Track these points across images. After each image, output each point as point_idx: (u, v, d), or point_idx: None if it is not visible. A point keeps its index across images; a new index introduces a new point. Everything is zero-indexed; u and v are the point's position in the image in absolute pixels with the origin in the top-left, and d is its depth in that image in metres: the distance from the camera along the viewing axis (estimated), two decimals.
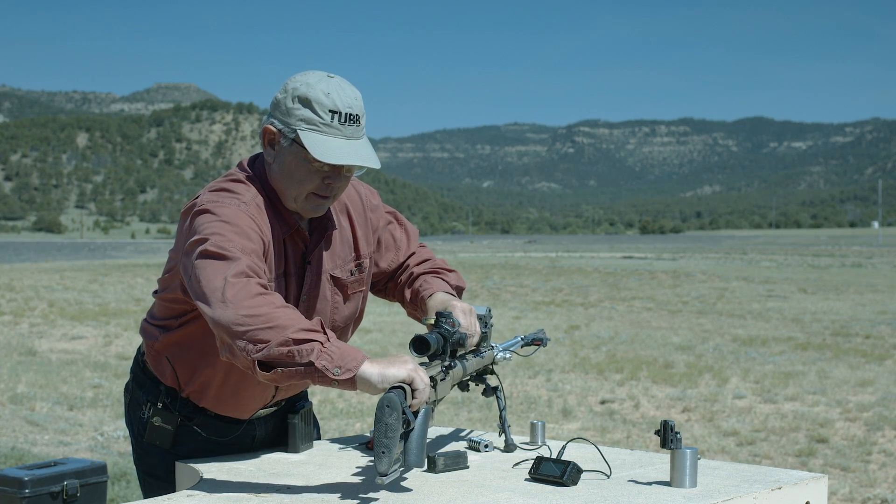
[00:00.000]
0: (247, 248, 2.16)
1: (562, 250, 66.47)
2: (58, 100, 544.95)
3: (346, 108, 2.27)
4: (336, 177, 2.31)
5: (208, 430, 2.46)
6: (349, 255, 2.48)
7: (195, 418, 2.45)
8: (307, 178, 2.30)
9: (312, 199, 2.33)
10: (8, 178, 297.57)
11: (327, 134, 2.26)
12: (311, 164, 2.28)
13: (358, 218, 2.52)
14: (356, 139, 2.29)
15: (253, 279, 2.10)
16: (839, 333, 14.75)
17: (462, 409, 8.45)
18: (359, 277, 2.50)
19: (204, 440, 2.46)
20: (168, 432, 2.44)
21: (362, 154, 2.28)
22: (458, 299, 2.49)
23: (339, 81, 2.30)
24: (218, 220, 2.20)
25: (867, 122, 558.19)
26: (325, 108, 2.25)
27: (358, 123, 2.29)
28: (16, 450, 6.77)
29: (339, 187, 2.35)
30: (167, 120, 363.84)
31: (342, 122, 2.26)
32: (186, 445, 2.45)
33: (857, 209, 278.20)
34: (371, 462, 2.36)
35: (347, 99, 2.28)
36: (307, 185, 2.31)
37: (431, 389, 2.08)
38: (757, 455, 7.11)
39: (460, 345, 2.27)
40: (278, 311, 2.04)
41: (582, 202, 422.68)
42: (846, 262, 41.72)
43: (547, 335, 2.70)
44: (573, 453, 2.37)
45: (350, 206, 2.52)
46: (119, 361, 11.93)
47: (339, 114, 2.26)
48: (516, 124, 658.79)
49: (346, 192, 2.50)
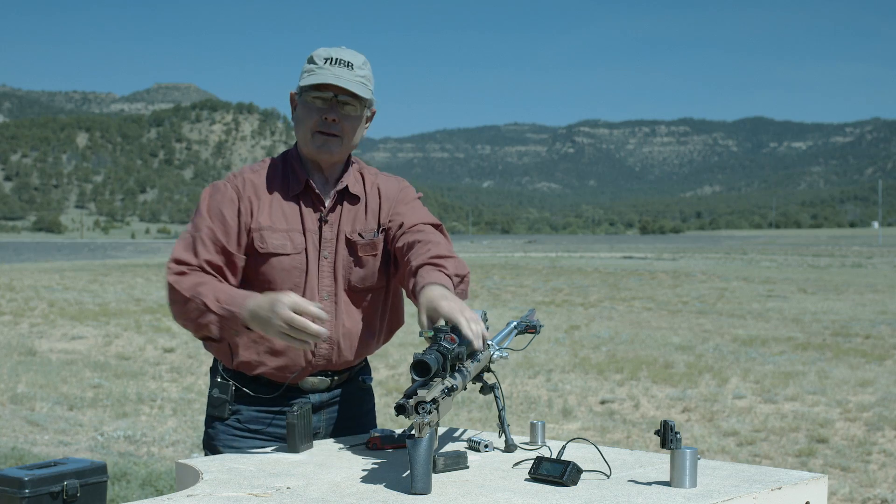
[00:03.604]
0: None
1: (562, 250, 66.49)
2: (58, 100, 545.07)
3: (339, 55, 2.58)
4: (332, 111, 2.58)
5: (257, 390, 2.67)
6: (372, 220, 2.69)
7: (247, 384, 2.67)
8: (308, 116, 2.60)
9: (318, 137, 2.60)
10: (8, 178, 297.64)
11: (317, 73, 2.57)
12: (310, 103, 2.59)
13: (387, 199, 2.73)
14: (346, 78, 2.56)
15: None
16: (839, 333, 14.75)
17: (462, 409, 8.45)
18: (373, 241, 2.68)
19: (258, 407, 2.67)
20: (223, 402, 2.66)
21: (344, 82, 2.55)
22: (451, 294, 2.37)
23: (344, 47, 2.63)
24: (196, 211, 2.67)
25: (867, 122, 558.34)
26: (321, 56, 2.60)
27: (350, 68, 2.57)
28: (16, 450, 6.77)
29: (340, 126, 2.60)
30: (167, 120, 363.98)
31: (332, 65, 2.57)
32: (243, 414, 2.67)
33: (857, 209, 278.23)
34: (371, 463, 2.36)
35: (343, 52, 2.60)
36: (309, 123, 2.60)
37: (436, 411, 2.08)
38: (757, 455, 7.12)
39: (460, 360, 2.26)
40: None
41: (582, 202, 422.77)
42: (846, 262, 41.73)
43: (538, 319, 2.69)
44: (573, 453, 2.37)
45: (382, 189, 2.73)
46: (119, 361, 11.93)
47: (331, 59, 2.58)
48: (516, 124, 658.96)
49: (387, 182, 2.75)
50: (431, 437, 2.04)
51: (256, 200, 2.62)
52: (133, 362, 11.88)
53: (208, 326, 2.50)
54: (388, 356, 11.78)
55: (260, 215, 2.61)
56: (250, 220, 2.60)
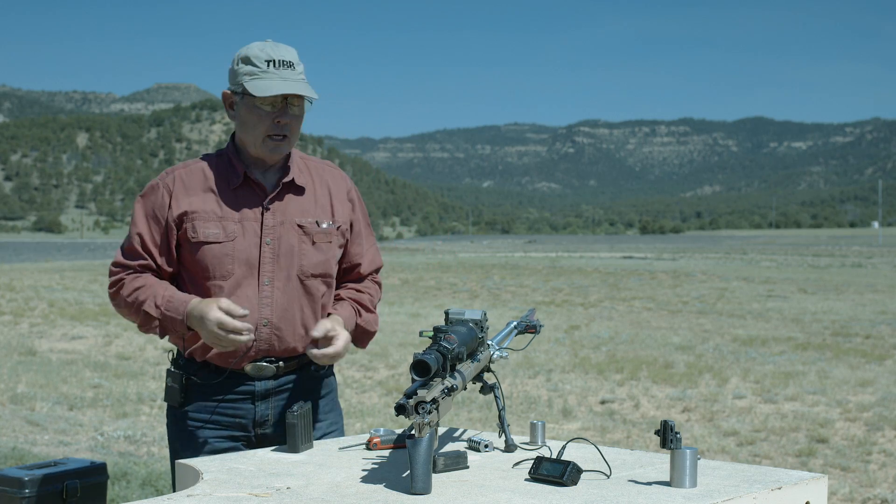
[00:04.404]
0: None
1: (562, 250, 66.48)
2: (58, 100, 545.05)
3: (279, 56, 2.65)
4: (283, 114, 2.66)
5: (205, 378, 2.73)
6: (323, 215, 2.77)
7: (196, 373, 2.74)
8: (259, 121, 2.66)
9: (269, 141, 2.68)
10: (8, 178, 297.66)
11: (265, 78, 2.63)
12: (259, 108, 2.65)
13: (337, 193, 2.82)
14: (293, 80, 2.65)
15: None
16: (839, 333, 14.75)
17: (462, 409, 8.45)
18: (328, 230, 2.77)
19: (206, 395, 2.73)
20: (176, 391, 2.75)
21: (296, 87, 2.64)
22: (341, 322, 2.73)
23: (272, 42, 2.70)
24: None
25: (867, 122, 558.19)
26: (260, 59, 2.65)
27: (293, 68, 2.66)
28: (16, 450, 6.77)
29: (290, 126, 2.68)
30: (167, 120, 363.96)
31: (276, 68, 2.64)
32: (193, 403, 2.74)
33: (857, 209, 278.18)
34: (371, 463, 2.36)
35: (280, 50, 2.67)
36: (261, 128, 2.66)
37: (435, 411, 2.08)
38: (757, 455, 7.12)
39: (459, 360, 2.26)
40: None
41: (582, 202, 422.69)
42: (846, 262, 41.73)
43: (538, 319, 2.69)
44: (573, 453, 2.37)
45: (331, 182, 2.83)
46: (119, 361, 11.93)
47: (273, 61, 2.65)
48: (516, 124, 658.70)
49: (333, 175, 2.85)
50: (431, 437, 2.04)
51: (187, 194, 2.71)
52: (133, 362, 11.88)
53: (152, 328, 2.67)
54: (388, 356, 11.78)
55: (191, 206, 2.70)
56: (181, 212, 2.70)
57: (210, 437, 2.73)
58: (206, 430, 2.73)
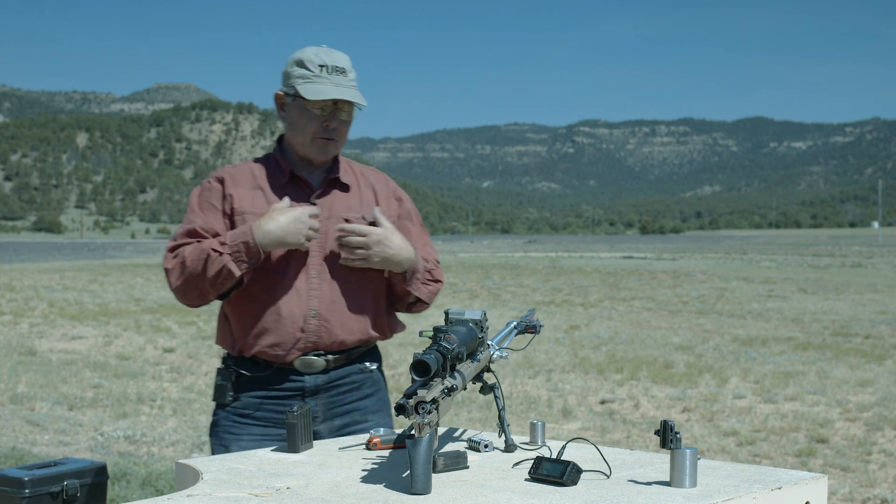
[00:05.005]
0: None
1: (562, 250, 66.49)
2: (58, 100, 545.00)
3: (332, 62, 2.75)
4: (332, 118, 2.76)
5: (254, 371, 2.78)
6: (368, 211, 2.84)
7: (246, 368, 2.79)
8: (309, 123, 2.76)
9: (318, 142, 2.78)
10: (8, 178, 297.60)
11: (317, 83, 2.73)
12: (310, 111, 2.74)
13: (381, 191, 2.91)
14: (344, 86, 2.74)
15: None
16: (839, 333, 14.75)
17: (462, 409, 8.45)
18: (372, 223, 2.81)
19: (255, 391, 2.78)
20: (225, 388, 2.80)
21: (347, 93, 2.73)
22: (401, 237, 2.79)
23: (327, 48, 2.80)
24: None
25: (867, 122, 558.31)
26: (314, 63, 2.74)
27: (345, 74, 2.76)
28: (16, 450, 6.77)
29: (338, 131, 2.78)
30: (167, 120, 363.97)
31: (329, 73, 2.74)
32: (242, 400, 2.78)
33: (857, 209, 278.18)
34: (371, 463, 2.36)
35: (334, 56, 2.77)
36: (310, 130, 2.76)
37: (435, 411, 2.08)
38: (757, 455, 7.11)
39: (459, 360, 2.26)
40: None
41: (582, 202, 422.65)
42: (846, 262, 41.74)
43: (538, 319, 2.69)
44: (573, 453, 2.37)
45: (375, 182, 2.93)
46: (119, 361, 11.93)
47: (326, 66, 2.74)
48: (516, 124, 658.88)
49: (377, 177, 2.95)
50: (431, 437, 2.04)
51: (238, 190, 2.79)
52: (133, 362, 11.88)
53: (225, 269, 2.66)
54: (388, 356, 11.79)
55: (241, 202, 2.78)
56: (234, 206, 2.78)
57: (258, 435, 2.76)
58: (255, 426, 2.77)
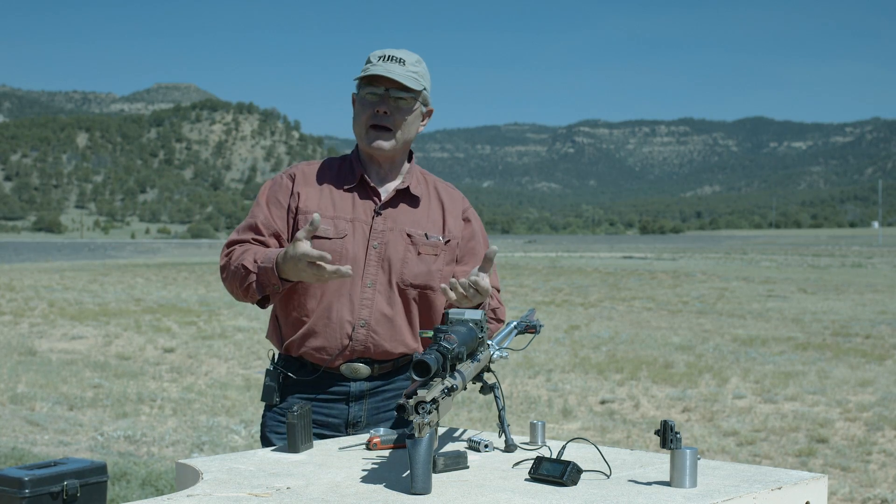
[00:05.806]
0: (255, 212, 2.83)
1: (562, 250, 66.50)
2: (58, 100, 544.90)
3: (391, 53, 2.74)
4: (383, 103, 2.72)
5: (301, 375, 2.79)
6: (433, 228, 2.81)
7: (293, 370, 2.80)
8: (362, 110, 2.75)
9: (372, 132, 2.74)
10: (8, 178, 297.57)
11: (369, 69, 2.72)
12: (364, 99, 2.74)
13: (451, 209, 2.87)
14: (396, 72, 2.70)
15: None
16: (839, 333, 14.75)
17: (462, 409, 8.45)
18: (436, 243, 2.80)
19: (301, 394, 2.79)
20: (273, 389, 2.81)
21: (395, 74, 2.69)
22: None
23: (399, 49, 2.78)
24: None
25: (867, 122, 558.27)
26: (376, 55, 2.75)
27: (402, 64, 2.72)
28: (16, 450, 6.77)
29: (392, 119, 2.73)
30: (167, 120, 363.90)
31: (385, 61, 2.72)
32: (289, 401, 2.79)
33: (857, 209, 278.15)
34: (371, 463, 2.36)
35: (398, 51, 2.76)
36: (363, 118, 2.74)
37: (435, 411, 2.08)
38: (757, 455, 7.12)
39: (459, 360, 2.26)
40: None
41: (582, 202, 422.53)
42: (846, 262, 41.74)
43: (538, 319, 2.69)
44: (573, 453, 2.37)
45: (446, 199, 2.88)
46: (119, 361, 11.93)
47: (384, 56, 2.73)
48: (516, 124, 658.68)
49: (450, 193, 2.89)
50: (431, 437, 2.04)
51: (307, 188, 2.79)
52: (133, 362, 11.88)
53: (251, 287, 2.68)
54: None
55: (308, 201, 2.77)
56: (299, 204, 2.77)
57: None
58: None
